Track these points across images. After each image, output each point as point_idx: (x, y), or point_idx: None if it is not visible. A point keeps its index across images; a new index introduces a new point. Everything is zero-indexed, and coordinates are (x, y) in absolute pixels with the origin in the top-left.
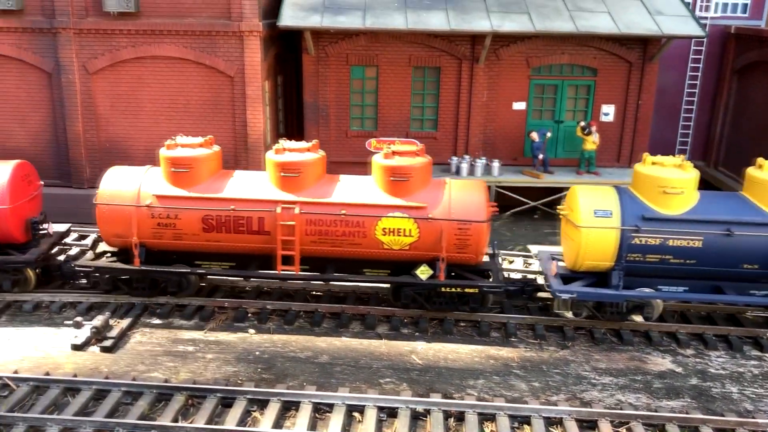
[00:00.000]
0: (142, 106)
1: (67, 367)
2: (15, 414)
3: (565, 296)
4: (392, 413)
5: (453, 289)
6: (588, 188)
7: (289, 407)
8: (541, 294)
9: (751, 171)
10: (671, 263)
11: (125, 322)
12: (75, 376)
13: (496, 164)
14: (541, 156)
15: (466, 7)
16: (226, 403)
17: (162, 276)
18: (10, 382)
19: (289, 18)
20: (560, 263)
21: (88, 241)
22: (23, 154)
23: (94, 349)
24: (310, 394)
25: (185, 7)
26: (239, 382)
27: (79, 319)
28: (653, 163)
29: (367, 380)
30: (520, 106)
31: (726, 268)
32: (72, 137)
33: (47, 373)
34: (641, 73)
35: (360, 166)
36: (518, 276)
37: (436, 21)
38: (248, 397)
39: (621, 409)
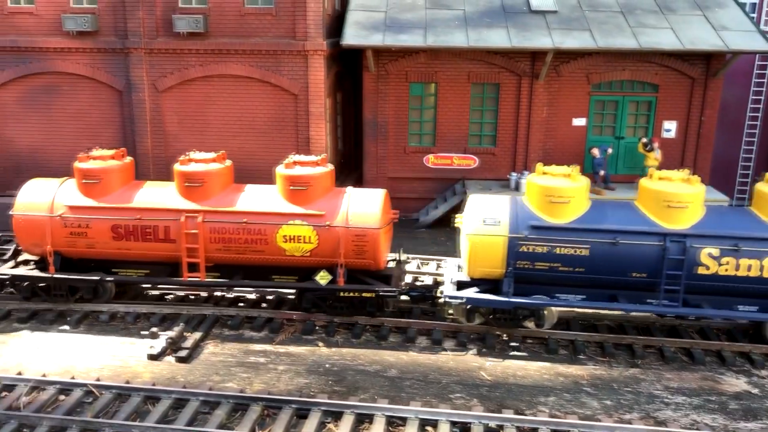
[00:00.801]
0: (208, 123)
1: (145, 376)
2: (101, 420)
3: (455, 302)
4: (465, 428)
5: (351, 294)
6: (481, 197)
7: (362, 420)
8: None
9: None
10: (561, 271)
11: (198, 334)
12: (154, 384)
13: None
14: (602, 172)
15: (527, 24)
16: (301, 414)
17: (75, 283)
18: (94, 389)
19: (351, 37)
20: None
21: (11, 250)
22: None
23: (170, 359)
24: (384, 407)
25: (252, 27)
26: (312, 393)
27: (155, 329)
28: (543, 173)
29: (438, 395)
30: (579, 122)
31: (615, 276)
32: (141, 153)
33: (127, 382)
34: (704, 89)
35: (418, 181)
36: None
37: (497, 38)
38: (323, 408)
39: (698, 429)
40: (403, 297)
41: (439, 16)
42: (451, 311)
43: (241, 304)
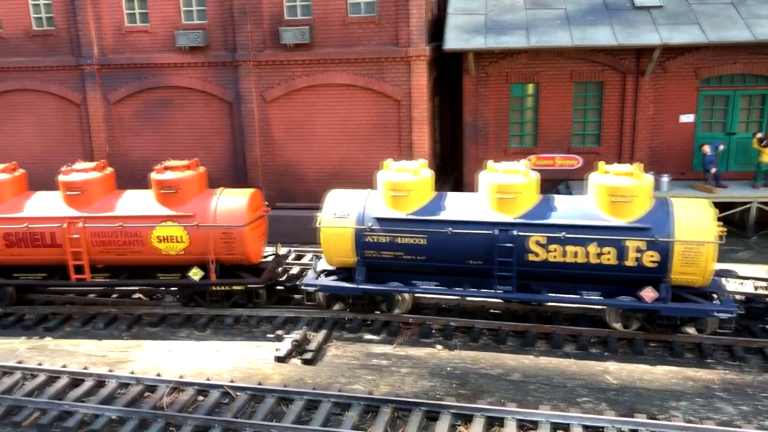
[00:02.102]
0: (314, 131)
1: (274, 377)
2: (241, 420)
3: (309, 289)
4: None
5: (224, 287)
6: (339, 192)
7: (492, 423)
8: None
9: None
10: (404, 259)
11: (320, 336)
12: (285, 386)
13: (665, 179)
14: (713, 170)
15: (631, 20)
16: (431, 416)
17: None
18: (230, 391)
19: (453, 41)
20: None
21: None
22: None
23: (296, 361)
24: (514, 410)
25: (355, 36)
26: (438, 396)
27: (280, 332)
28: (388, 168)
29: (565, 399)
30: (687, 118)
31: (453, 264)
32: (250, 162)
33: (260, 383)
34: None
35: None
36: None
37: (601, 36)
38: (452, 411)
39: None
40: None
41: (540, 16)
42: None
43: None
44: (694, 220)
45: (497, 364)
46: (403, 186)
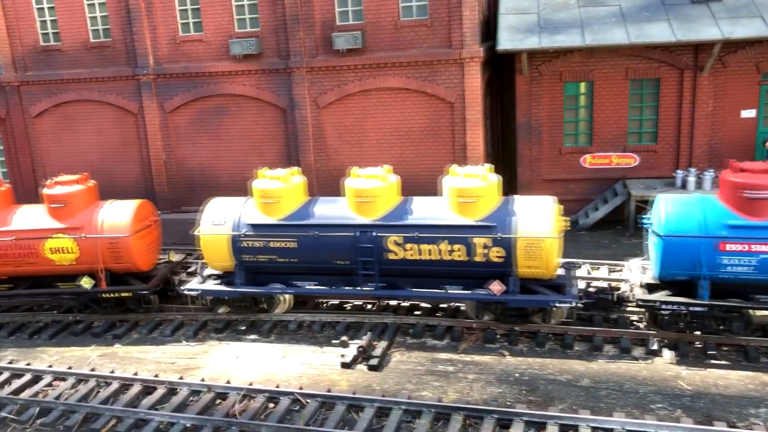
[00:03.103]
0: (366, 135)
1: (342, 384)
2: (313, 428)
3: (192, 293)
4: None
5: (114, 294)
6: (218, 200)
7: (566, 430)
8: None
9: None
10: (279, 262)
11: (384, 342)
12: (355, 393)
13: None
14: None
15: (689, 15)
16: (503, 424)
17: None
18: (300, 398)
19: (506, 41)
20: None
21: None
22: None
23: (361, 367)
24: (588, 418)
25: (407, 39)
26: (508, 403)
27: (344, 338)
28: (262, 177)
29: (638, 406)
30: (749, 113)
31: (323, 264)
32: (304, 167)
33: (329, 390)
34: None
35: (574, 182)
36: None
37: (659, 33)
38: (525, 419)
39: None
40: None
41: (594, 14)
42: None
43: (417, 312)
44: (536, 217)
45: (565, 370)
46: (273, 193)
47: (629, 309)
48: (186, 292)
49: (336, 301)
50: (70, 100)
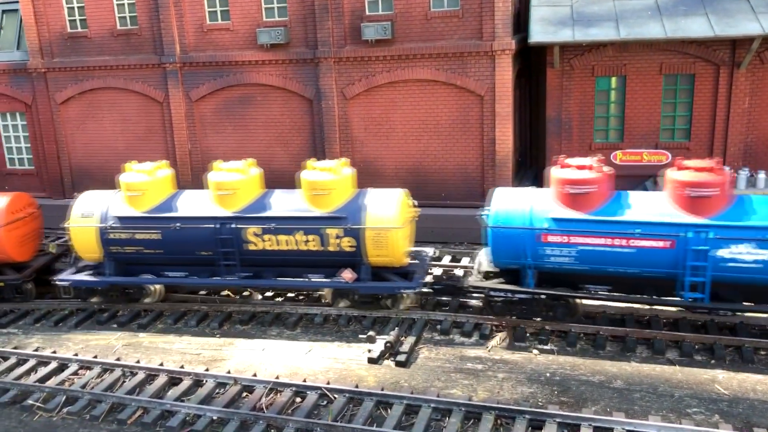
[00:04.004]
0: (393, 127)
1: (369, 379)
2: (342, 424)
3: (62, 283)
4: None
5: None
6: (89, 193)
7: None
8: None
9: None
10: (146, 253)
11: (411, 338)
12: (383, 390)
13: (762, 176)
14: None
15: (728, 9)
16: (535, 425)
17: None
18: (328, 393)
19: (539, 34)
20: None
21: None
22: (285, 175)
23: (389, 363)
24: (623, 421)
25: (437, 30)
26: (540, 404)
27: (372, 333)
28: (129, 170)
29: (673, 409)
30: None
31: (188, 255)
32: (330, 158)
33: (357, 386)
34: None
35: None
36: None
37: (696, 27)
38: (558, 420)
39: None
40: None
41: (629, 7)
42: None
43: (445, 308)
44: (383, 209)
45: (597, 371)
46: (138, 186)
47: (476, 296)
48: (58, 283)
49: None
50: (96, 87)
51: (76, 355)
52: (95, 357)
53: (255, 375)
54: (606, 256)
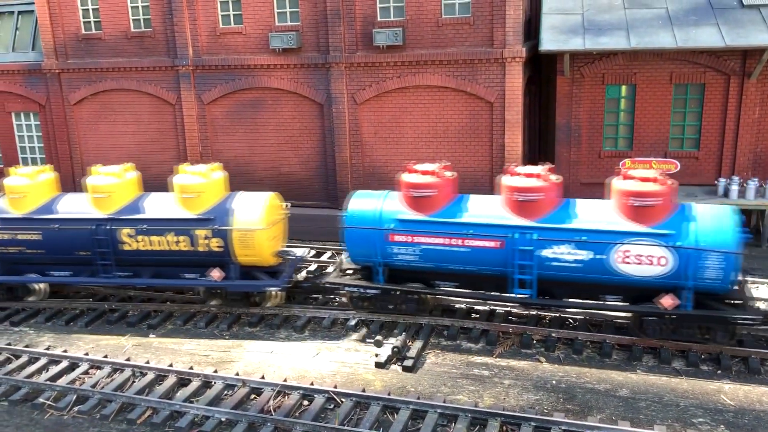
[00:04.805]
0: (403, 133)
1: (376, 384)
2: (348, 428)
3: None
4: None
5: None
6: None
7: None
8: None
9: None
10: (28, 253)
11: (419, 343)
12: (390, 394)
13: None
14: None
15: (739, 20)
16: None
17: None
18: (335, 397)
19: (549, 42)
20: None
21: None
22: (295, 178)
23: (395, 367)
24: (628, 430)
25: (448, 37)
26: (546, 411)
27: (379, 338)
28: (13, 174)
29: (679, 419)
30: None
31: (68, 255)
32: (340, 163)
33: (363, 390)
34: None
35: None
36: None
37: (707, 37)
38: (563, 428)
39: None
40: None
41: (640, 16)
42: None
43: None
44: (249, 211)
45: (603, 379)
46: (19, 189)
47: (342, 292)
48: None
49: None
50: (109, 88)
51: (86, 354)
52: (105, 356)
53: (263, 377)
54: (445, 254)
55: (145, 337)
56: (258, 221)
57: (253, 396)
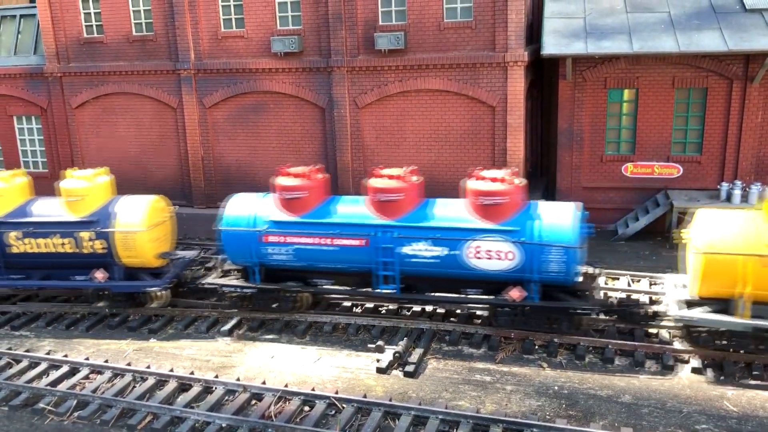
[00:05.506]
0: (405, 136)
1: (377, 389)
2: None
3: None
4: None
5: None
6: None
7: None
8: None
9: None
10: None
11: (420, 348)
12: (391, 400)
13: None
14: None
15: (742, 24)
16: None
17: None
18: (336, 402)
19: (552, 46)
20: None
21: None
22: None
23: (397, 373)
24: None
25: (450, 41)
26: (548, 417)
27: (380, 343)
28: None
29: (682, 425)
30: None
31: None
32: (341, 166)
33: (365, 396)
34: None
35: (614, 191)
36: None
37: (710, 42)
38: None
39: None
40: None
41: (642, 20)
42: None
43: (453, 319)
44: (131, 214)
45: (606, 385)
46: None
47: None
48: None
49: (371, 304)
50: (111, 92)
51: (87, 359)
52: (106, 361)
53: (264, 383)
54: (317, 253)
55: (146, 342)
56: (139, 223)
57: (254, 401)
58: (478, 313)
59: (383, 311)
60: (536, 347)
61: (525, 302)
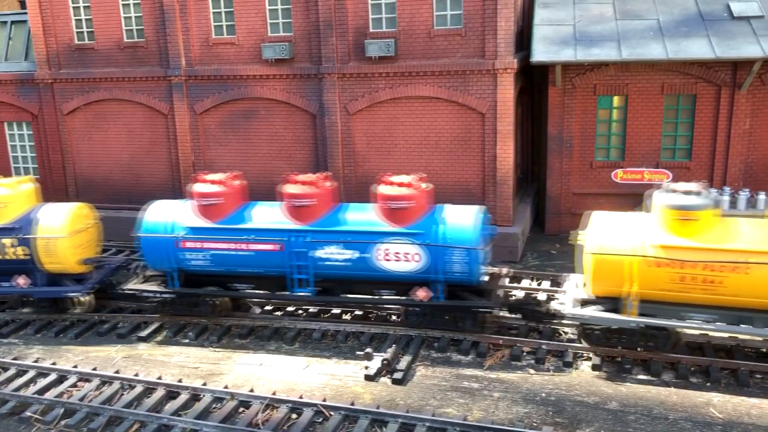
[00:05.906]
0: (395, 143)
1: (365, 397)
2: None
3: None
4: None
5: None
6: None
7: None
8: None
9: None
10: None
11: (408, 356)
12: (379, 408)
13: (762, 197)
14: None
15: (730, 31)
16: None
17: None
18: (324, 410)
19: (541, 53)
20: None
21: None
22: None
23: (385, 380)
24: None
25: (440, 48)
26: (535, 424)
27: (369, 350)
28: None
29: None
30: None
31: None
32: (332, 173)
33: (352, 403)
34: None
35: (604, 197)
36: None
37: (698, 49)
38: None
39: None
40: None
41: (632, 27)
42: None
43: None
44: (53, 220)
45: (593, 392)
46: None
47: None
48: None
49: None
50: (102, 98)
51: (75, 366)
52: (94, 369)
53: (252, 390)
54: (233, 258)
55: (134, 349)
56: (61, 229)
57: (241, 409)
58: (392, 312)
59: (302, 314)
60: (524, 353)
61: (431, 302)
